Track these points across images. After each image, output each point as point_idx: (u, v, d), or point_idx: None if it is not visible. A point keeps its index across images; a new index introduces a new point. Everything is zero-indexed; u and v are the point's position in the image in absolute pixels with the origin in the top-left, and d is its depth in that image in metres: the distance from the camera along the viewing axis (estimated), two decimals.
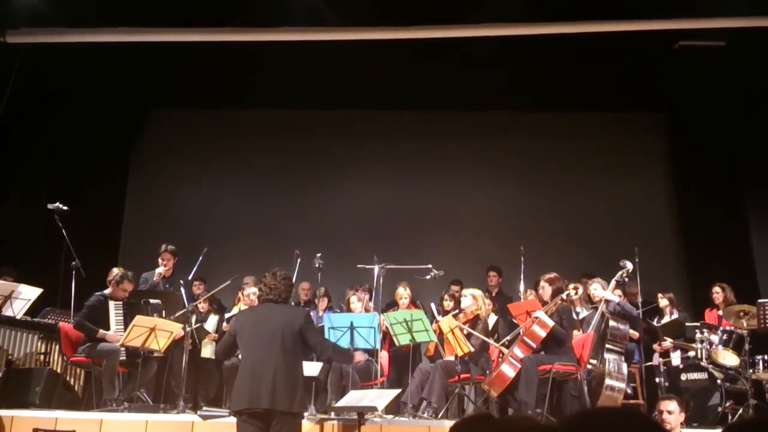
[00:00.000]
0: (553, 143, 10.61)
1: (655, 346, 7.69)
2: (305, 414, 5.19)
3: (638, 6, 8.02)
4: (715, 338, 7.14)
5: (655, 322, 7.93)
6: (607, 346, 6.72)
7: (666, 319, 7.85)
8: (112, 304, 7.15)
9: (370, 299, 7.90)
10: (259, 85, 10.08)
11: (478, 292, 7.45)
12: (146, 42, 8.53)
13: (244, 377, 4.79)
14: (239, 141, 10.94)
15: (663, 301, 7.91)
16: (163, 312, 7.19)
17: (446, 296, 7.85)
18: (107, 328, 7.01)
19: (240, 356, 7.09)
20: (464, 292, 7.48)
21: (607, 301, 7.28)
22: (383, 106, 10.60)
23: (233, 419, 5.75)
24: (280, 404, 4.63)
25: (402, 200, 10.73)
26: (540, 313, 6.56)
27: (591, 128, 10.72)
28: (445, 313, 7.54)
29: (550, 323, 6.46)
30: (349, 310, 7.75)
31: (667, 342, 7.53)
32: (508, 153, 10.78)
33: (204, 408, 6.72)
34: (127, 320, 7.09)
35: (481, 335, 7.02)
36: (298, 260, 7.72)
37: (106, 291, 7.22)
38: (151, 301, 7.34)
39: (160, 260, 7.93)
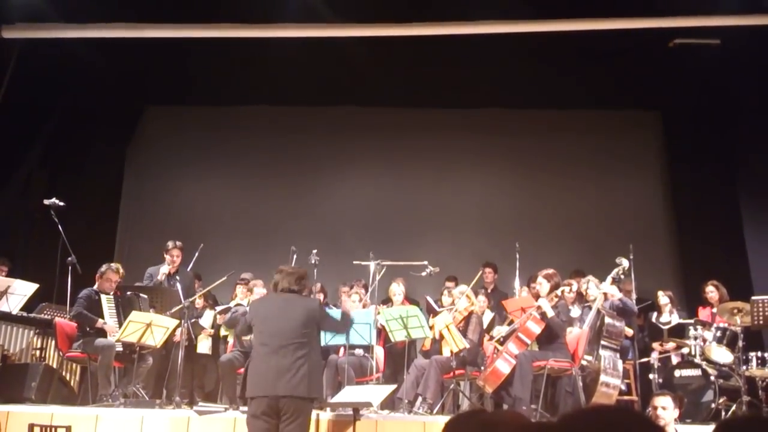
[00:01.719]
0: (548, 140, 10.62)
1: (656, 345, 7.70)
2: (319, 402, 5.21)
3: (633, 4, 8.04)
4: (708, 335, 7.17)
5: (654, 319, 7.96)
6: (603, 342, 6.74)
7: (665, 316, 7.87)
8: (103, 297, 7.19)
9: (366, 294, 7.90)
10: (255, 81, 10.06)
11: (467, 289, 7.46)
12: (142, 38, 8.51)
13: (260, 366, 4.83)
14: (235, 137, 10.92)
15: (663, 299, 7.92)
16: (151, 309, 7.20)
17: (446, 293, 7.86)
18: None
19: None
20: (455, 293, 7.49)
21: (607, 296, 7.29)
22: (379, 103, 10.61)
23: (228, 415, 5.79)
24: (295, 390, 4.66)
25: (398, 197, 10.73)
26: (543, 301, 6.59)
27: (586, 126, 10.73)
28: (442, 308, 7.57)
29: (551, 312, 6.51)
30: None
31: (671, 344, 7.55)
32: (504, 150, 10.79)
33: (200, 403, 6.74)
34: (119, 312, 7.14)
35: (476, 331, 7.06)
36: (294, 256, 7.72)
37: (95, 286, 7.24)
38: (141, 295, 7.36)
39: (167, 257, 7.84)
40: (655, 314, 8.01)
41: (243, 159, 10.93)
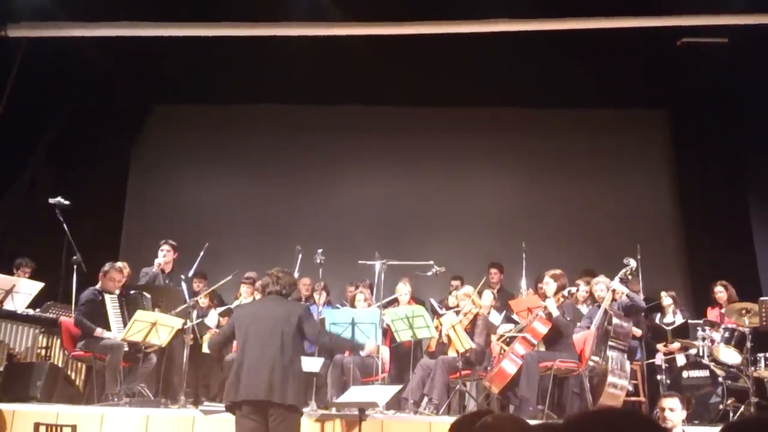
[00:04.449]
0: (555, 140, 10.58)
1: (660, 346, 7.66)
2: (304, 409, 5.16)
3: (641, 3, 8.00)
4: (716, 336, 7.13)
5: (657, 320, 7.92)
6: (610, 343, 6.70)
7: (668, 317, 7.84)
8: (108, 297, 7.11)
9: (372, 295, 7.88)
10: (261, 80, 10.05)
11: (471, 290, 7.43)
12: (147, 36, 8.50)
13: (241, 369, 4.77)
14: (241, 136, 10.92)
15: (666, 300, 7.89)
16: (156, 309, 7.17)
17: (456, 295, 7.83)
18: (106, 322, 6.98)
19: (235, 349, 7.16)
20: (460, 295, 7.46)
21: (615, 295, 7.24)
22: (385, 102, 10.58)
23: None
24: (277, 396, 4.62)
25: (404, 196, 10.71)
26: (549, 301, 6.56)
27: (594, 125, 10.69)
28: (448, 309, 7.55)
29: (556, 312, 6.47)
30: (353, 306, 7.74)
31: (676, 344, 7.52)
32: (511, 149, 10.76)
33: (205, 403, 6.72)
34: (123, 312, 7.09)
35: (483, 334, 7.04)
36: (300, 256, 7.71)
37: (98, 285, 7.20)
38: (144, 294, 7.33)
39: (159, 252, 7.91)
40: (658, 315, 7.97)
41: (249, 158, 10.93)
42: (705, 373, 6.93)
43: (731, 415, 6.64)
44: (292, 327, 4.83)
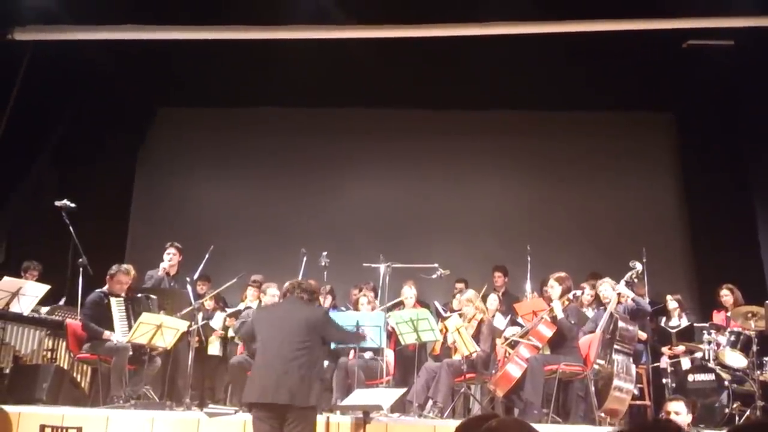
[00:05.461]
0: (560, 142, 10.58)
1: (665, 350, 7.65)
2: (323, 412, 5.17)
3: (647, 5, 7.99)
4: (722, 339, 7.11)
5: (662, 323, 7.90)
6: (616, 346, 6.69)
7: (674, 320, 7.82)
8: (113, 300, 7.10)
9: (376, 297, 7.88)
10: (266, 82, 10.07)
11: (473, 295, 7.41)
12: (153, 39, 8.53)
13: (259, 371, 4.81)
14: (246, 139, 10.95)
15: (672, 303, 7.87)
16: (161, 311, 7.18)
17: (459, 300, 7.82)
18: (111, 325, 6.98)
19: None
20: (463, 300, 7.45)
21: (620, 299, 7.23)
22: (390, 105, 10.59)
23: (239, 417, 5.78)
24: (296, 399, 4.63)
25: (408, 199, 10.71)
26: (556, 303, 6.56)
27: (599, 127, 10.67)
28: (452, 312, 7.55)
29: (561, 314, 6.47)
30: (356, 309, 7.74)
31: (681, 347, 7.50)
32: (516, 152, 10.76)
33: (210, 405, 6.73)
34: (129, 315, 7.09)
35: (488, 340, 7.04)
36: (304, 258, 7.72)
37: (105, 287, 7.20)
38: (150, 296, 7.34)
39: (165, 255, 7.92)
40: (664, 318, 7.95)
41: (254, 161, 10.95)
42: (711, 376, 6.92)
43: (737, 419, 6.63)
44: (311, 330, 4.86)
